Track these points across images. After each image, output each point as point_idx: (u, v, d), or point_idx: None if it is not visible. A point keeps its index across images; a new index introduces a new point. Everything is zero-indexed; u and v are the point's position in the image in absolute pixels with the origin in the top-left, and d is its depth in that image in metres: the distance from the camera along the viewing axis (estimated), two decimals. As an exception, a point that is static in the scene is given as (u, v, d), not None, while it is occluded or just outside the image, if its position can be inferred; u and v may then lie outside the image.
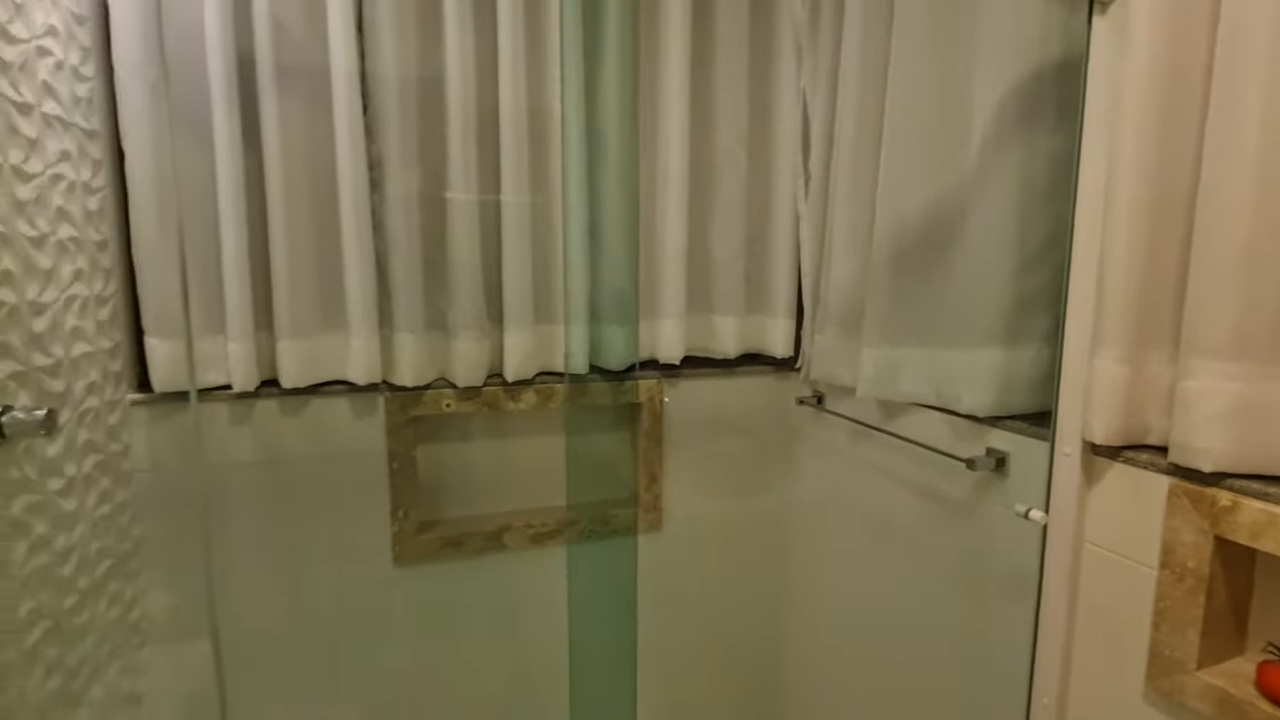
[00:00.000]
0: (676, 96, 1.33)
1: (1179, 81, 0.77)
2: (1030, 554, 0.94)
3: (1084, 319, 0.85)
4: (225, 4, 1.06)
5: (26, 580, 0.82)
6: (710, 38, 1.39)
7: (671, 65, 1.32)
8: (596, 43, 1.24)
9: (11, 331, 0.81)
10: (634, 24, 1.24)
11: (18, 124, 0.84)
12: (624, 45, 1.20)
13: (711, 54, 1.39)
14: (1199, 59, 0.76)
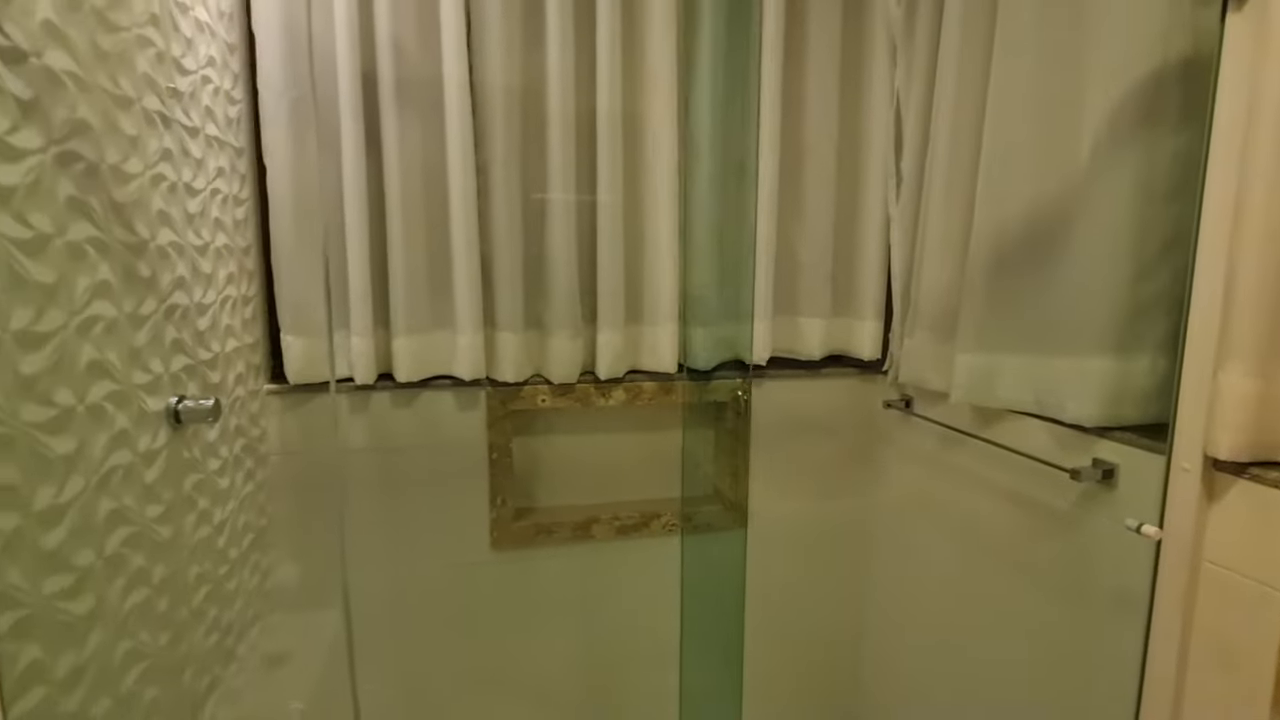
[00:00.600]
0: (767, 95, 1.34)
1: (1325, 80, 0.72)
2: (1140, 569, 0.91)
3: (1208, 329, 0.82)
4: (353, 29, 1.16)
5: (194, 548, 0.93)
6: (803, 36, 1.39)
7: (763, 64, 1.33)
8: (720, 52, 1.26)
9: (184, 330, 0.92)
10: (757, 38, 1.26)
11: (189, 146, 0.95)
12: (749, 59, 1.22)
13: (803, 53, 1.39)
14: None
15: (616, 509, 1.46)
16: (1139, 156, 0.94)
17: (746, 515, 1.50)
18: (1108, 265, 0.97)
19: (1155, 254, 0.94)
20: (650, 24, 1.28)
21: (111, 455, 0.74)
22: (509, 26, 1.23)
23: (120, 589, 0.75)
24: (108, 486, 0.73)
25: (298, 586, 1.27)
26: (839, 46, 1.40)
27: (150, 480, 0.82)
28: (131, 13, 0.80)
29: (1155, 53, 0.91)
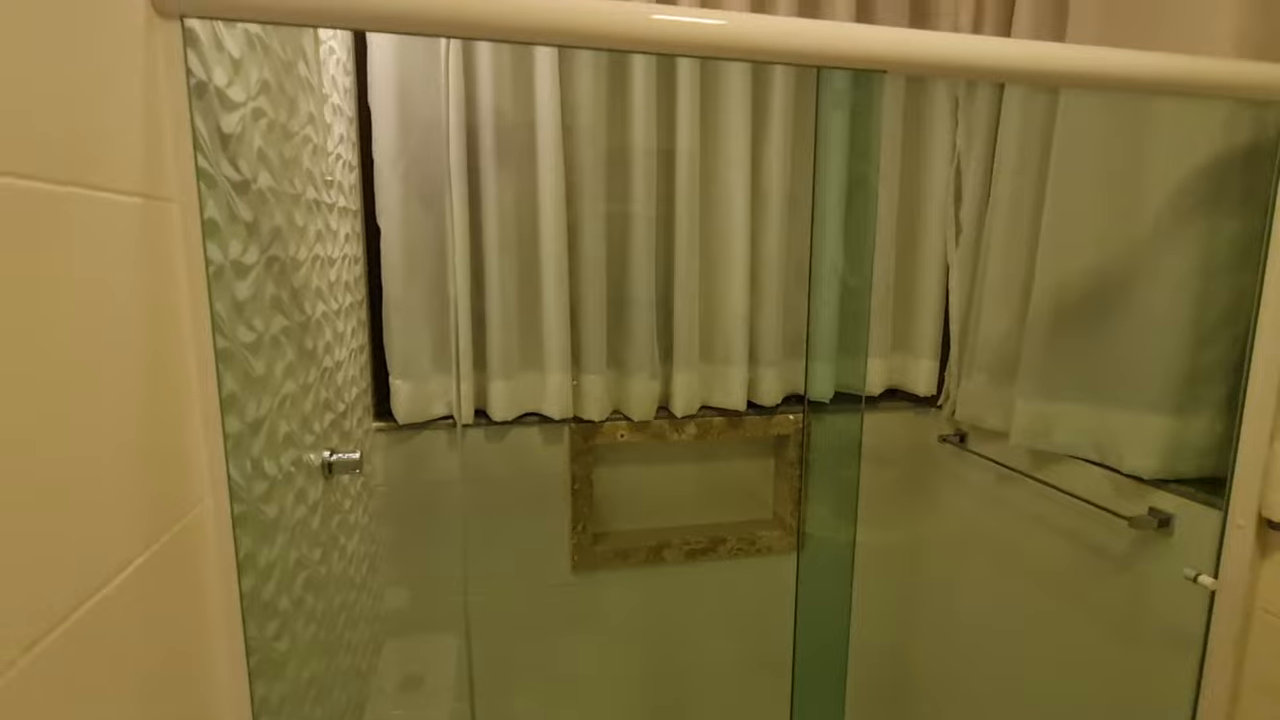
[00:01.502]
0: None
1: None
2: (1195, 614, 0.99)
3: (1266, 399, 0.90)
4: (459, 100, 1.26)
5: (338, 580, 1.05)
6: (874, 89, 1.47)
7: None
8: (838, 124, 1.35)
9: (330, 388, 1.04)
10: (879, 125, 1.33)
11: (330, 222, 1.07)
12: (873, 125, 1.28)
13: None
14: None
15: (686, 534, 1.56)
16: (1201, 233, 1.02)
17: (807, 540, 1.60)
18: (1168, 331, 1.05)
19: (1215, 323, 1.01)
20: (729, 84, 1.37)
21: (296, 512, 0.85)
22: (597, 94, 1.32)
23: (302, 625, 0.86)
24: (294, 539, 0.84)
25: (408, 609, 1.39)
26: (901, 99, 1.48)
27: (315, 527, 0.94)
28: (298, 117, 0.91)
29: (1217, 139, 0.99)
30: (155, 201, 0.53)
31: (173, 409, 0.56)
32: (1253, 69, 0.83)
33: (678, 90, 1.35)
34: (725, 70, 1.37)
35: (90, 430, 0.45)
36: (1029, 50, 0.73)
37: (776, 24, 0.68)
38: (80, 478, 0.44)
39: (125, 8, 0.50)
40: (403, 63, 1.25)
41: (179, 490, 0.56)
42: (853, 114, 0.95)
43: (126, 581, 0.49)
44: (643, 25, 0.64)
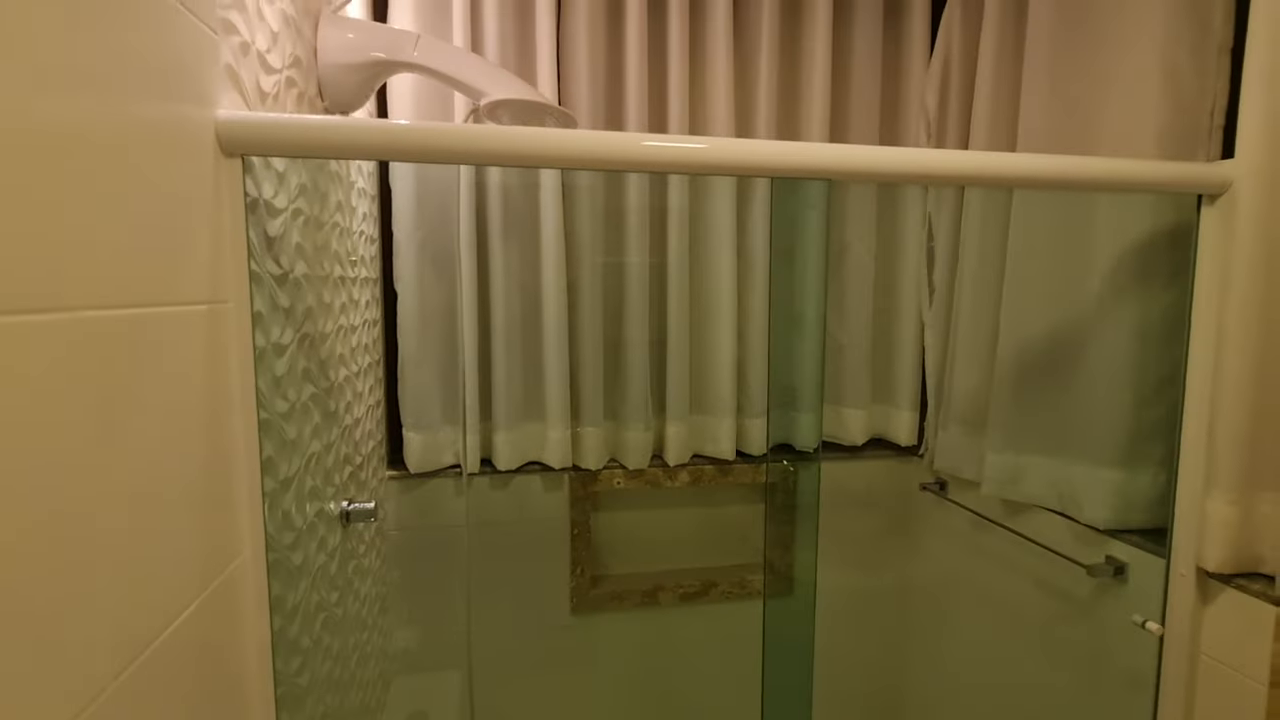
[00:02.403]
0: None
1: (1283, 265, 0.90)
2: (1147, 659, 1.06)
3: (1196, 460, 0.98)
4: (470, 177, 1.40)
5: (352, 621, 1.14)
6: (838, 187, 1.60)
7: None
8: (794, 224, 1.48)
9: (349, 444, 1.15)
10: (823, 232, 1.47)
11: (353, 293, 1.19)
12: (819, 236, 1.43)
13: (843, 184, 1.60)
14: (1301, 250, 0.89)
15: (680, 577, 1.64)
16: (1138, 303, 1.12)
17: (793, 584, 1.67)
18: (1114, 391, 1.14)
19: (1154, 387, 1.11)
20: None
21: (318, 558, 0.95)
22: (594, 176, 1.46)
23: (319, 661, 0.95)
24: (315, 584, 0.94)
25: (417, 649, 1.47)
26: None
27: (333, 572, 1.03)
28: (328, 207, 1.05)
29: (1146, 220, 1.10)
30: (217, 305, 0.65)
31: (223, 473, 0.67)
32: (1167, 168, 0.95)
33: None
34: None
35: (168, 492, 0.56)
36: (942, 158, 0.85)
37: (746, 145, 0.80)
38: (161, 531, 0.54)
39: (199, 153, 0.63)
40: (420, 147, 1.39)
41: (226, 542, 0.67)
42: (805, 209, 1.07)
43: (185, 621, 0.59)
44: (636, 150, 0.77)
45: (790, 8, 1.55)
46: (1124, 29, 1.12)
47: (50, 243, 0.42)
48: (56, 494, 0.43)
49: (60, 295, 0.44)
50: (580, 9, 1.42)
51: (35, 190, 0.41)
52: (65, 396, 0.44)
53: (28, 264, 0.40)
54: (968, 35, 1.48)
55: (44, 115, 0.42)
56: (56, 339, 0.43)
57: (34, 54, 0.41)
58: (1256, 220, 0.91)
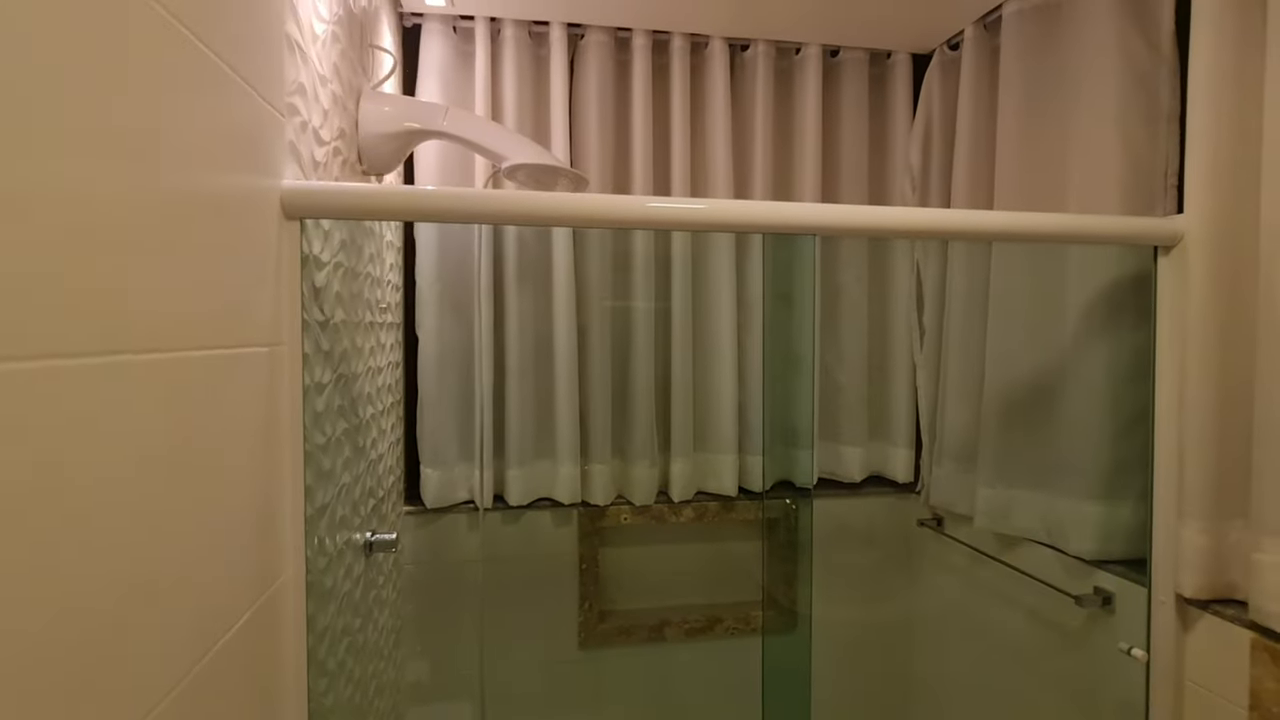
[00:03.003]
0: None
1: (1234, 306, 0.98)
2: (1136, 687, 1.10)
3: (1169, 491, 1.05)
4: (488, 234, 1.52)
5: (371, 649, 1.20)
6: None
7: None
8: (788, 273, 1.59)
9: (373, 478, 1.22)
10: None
11: (380, 337, 1.29)
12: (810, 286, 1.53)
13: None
14: (1247, 290, 0.98)
15: (685, 613, 1.68)
16: (1109, 344, 1.20)
17: (797, 620, 1.70)
18: (1091, 427, 1.21)
19: (1128, 422, 1.18)
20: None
21: (344, 584, 1.02)
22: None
23: (343, 685, 1.01)
24: (342, 608, 1.00)
25: (429, 681, 1.51)
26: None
27: (357, 599, 1.09)
28: (362, 258, 1.15)
29: (1113, 268, 1.19)
30: (275, 347, 0.74)
31: (273, 498, 0.74)
32: (1126, 223, 1.04)
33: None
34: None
35: (229, 514, 0.63)
36: (923, 216, 0.94)
37: (741, 206, 0.90)
38: (221, 548, 0.62)
39: (267, 217, 0.73)
40: (443, 203, 1.51)
41: (272, 561, 0.74)
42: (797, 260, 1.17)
43: (236, 634, 0.66)
44: (641, 211, 0.87)
45: (783, 77, 1.69)
46: (1083, 99, 1.24)
47: (154, 294, 0.52)
48: (143, 513, 0.51)
49: (166, 339, 0.53)
50: (590, 83, 1.56)
51: (146, 246, 0.51)
52: (156, 426, 0.52)
53: (138, 311, 0.49)
54: (946, 99, 1.61)
55: (155, 186, 0.52)
56: (157, 376, 0.52)
57: (152, 133, 0.51)
58: (1206, 267, 1.00)
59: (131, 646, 0.48)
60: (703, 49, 1.63)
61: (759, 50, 1.63)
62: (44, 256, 0.39)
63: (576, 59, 1.59)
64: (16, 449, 0.37)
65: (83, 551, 0.43)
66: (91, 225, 0.43)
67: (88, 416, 0.43)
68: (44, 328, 0.39)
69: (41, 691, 0.39)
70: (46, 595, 0.40)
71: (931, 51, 1.68)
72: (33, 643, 0.39)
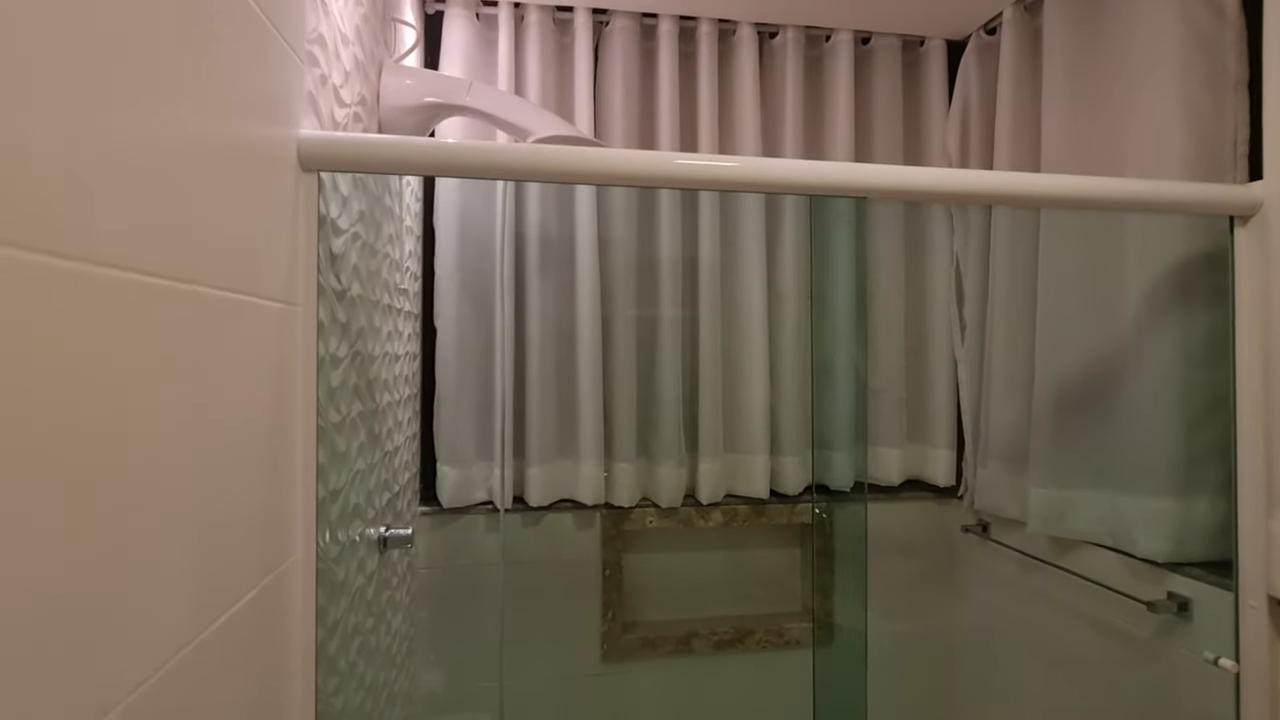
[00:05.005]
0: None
1: (1325, 283, 0.90)
2: (1223, 701, 0.99)
3: (1256, 482, 0.95)
4: (510, 222, 1.47)
5: (384, 654, 1.12)
6: (871, 207, 1.64)
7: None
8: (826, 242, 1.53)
9: (388, 470, 1.16)
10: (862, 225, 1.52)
11: (398, 324, 1.23)
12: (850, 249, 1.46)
13: (871, 220, 1.65)
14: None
15: (714, 624, 1.58)
16: (1176, 328, 1.11)
17: (834, 632, 1.60)
18: (1161, 416, 1.12)
19: (1202, 410, 1.09)
20: (746, 202, 1.56)
21: (356, 579, 0.95)
22: (629, 212, 1.52)
23: (354, 689, 0.93)
24: (354, 604, 0.93)
25: (444, 694, 1.42)
26: (901, 218, 1.65)
27: (369, 597, 1.02)
28: (381, 237, 1.10)
29: (1180, 245, 1.11)
30: (289, 306, 0.69)
31: (284, 472, 0.68)
32: (1199, 189, 0.97)
33: (700, 206, 1.54)
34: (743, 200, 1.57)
35: (241, 472, 0.57)
36: (965, 178, 0.87)
37: (775, 164, 0.84)
38: (233, 510, 0.55)
39: (283, 166, 0.68)
40: (464, 192, 1.46)
41: (282, 539, 0.67)
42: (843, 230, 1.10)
43: (244, 609, 0.59)
44: (668, 168, 0.81)
45: (813, 65, 1.64)
46: (1139, 66, 1.17)
47: (179, 231, 0.46)
48: (159, 438, 0.44)
49: (183, 270, 0.47)
50: (615, 72, 1.52)
51: (161, 176, 0.45)
52: (175, 353, 0.46)
53: (163, 241, 0.44)
54: (985, 84, 1.55)
55: (174, 117, 0.46)
56: (177, 304, 0.46)
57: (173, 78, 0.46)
58: (1292, 238, 0.92)
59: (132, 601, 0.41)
60: (730, 36, 1.59)
61: (788, 37, 1.58)
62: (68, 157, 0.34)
63: (601, 46, 1.55)
64: (45, 353, 0.31)
65: (95, 472, 0.36)
66: (112, 149, 0.38)
67: (107, 328, 0.38)
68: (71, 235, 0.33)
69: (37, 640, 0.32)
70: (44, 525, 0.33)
71: (966, 37, 1.63)
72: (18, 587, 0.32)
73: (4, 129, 0.32)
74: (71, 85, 0.37)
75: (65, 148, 0.37)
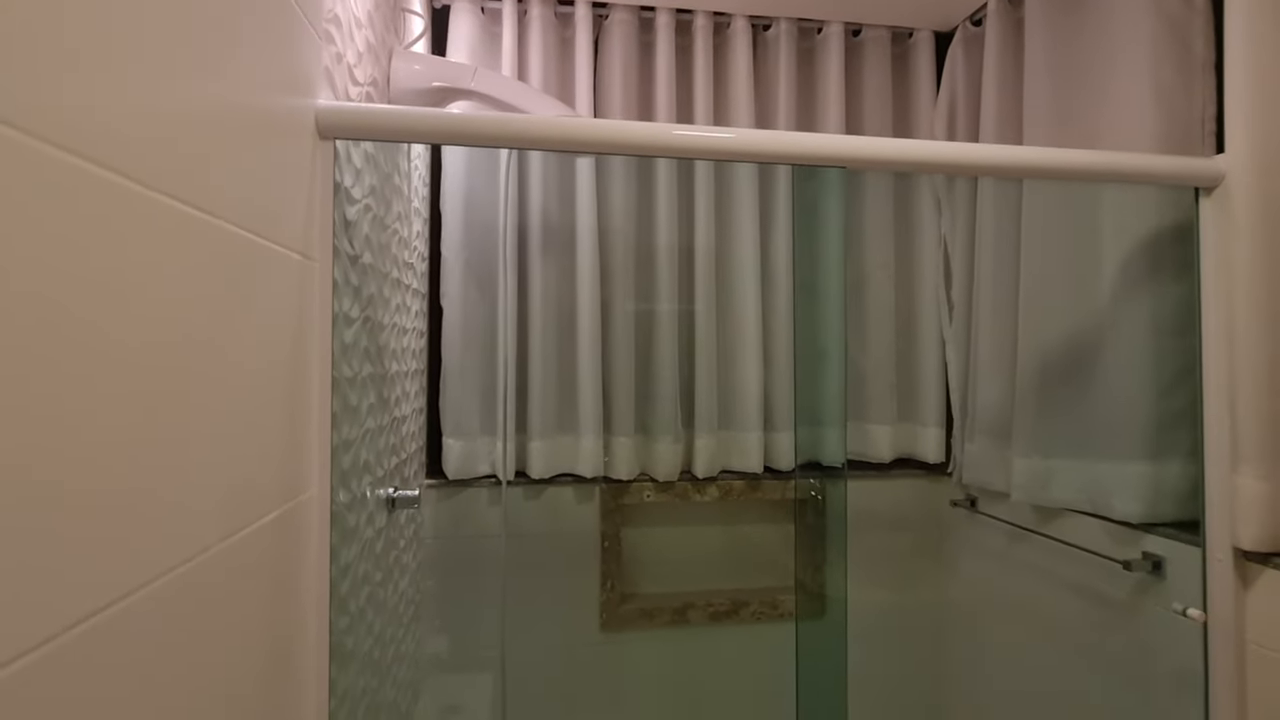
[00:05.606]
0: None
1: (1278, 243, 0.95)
2: (1193, 652, 1.04)
3: (1221, 441, 1.00)
4: (514, 206, 1.53)
5: (391, 610, 1.17)
6: (861, 192, 1.70)
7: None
8: (813, 222, 1.58)
9: (396, 436, 1.22)
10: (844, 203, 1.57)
11: (406, 299, 1.29)
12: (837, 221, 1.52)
13: (861, 204, 1.70)
14: (1299, 232, 0.94)
15: (710, 596, 1.63)
16: (1149, 300, 1.16)
17: (826, 604, 1.64)
18: (1135, 385, 1.17)
19: (1172, 377, 1.13)
20: (740, 185, 1.62)
21: (366, 530, 1.00)
22: (628, 193, 1.58)
23: (363, 634, 0.99)
24: (364, 553, 0.99)
25: (448, 657, 1.47)
26: (891, 202, 1.70)
27: (378, 551, 1.08)
28: (392, 214, 1.16)
29: (1149, 219, 1.16)
30: (307, 260, 0.75)
31: (300, 410, 0.74)
32: (1165, 161, 1.02)
33: (696, 191, 1.60)
34: (736, 175, 1.63)
35: (264, 402, 0.63)
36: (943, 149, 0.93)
37: (767, 135, 0.89)
38: (258, 432, 0.61)
39: (301, 133, 0.74)
40: (469, 177, 1.53)
41: (300, 473, 0.73)
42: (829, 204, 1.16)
43: (265, 527, 0.64)
44: (666, 138, 0.87)
45: (805, 57, 1.70)
46: (1114, 53, 1.23)
47: (205, 163, 0.52)
48: (190, 365, 0.50)
49: (210, 202, 0.53)
50: (615, 64, 1.58)
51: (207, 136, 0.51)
52: (206, 279, 0.52)
53: (195, 171, 0.50)
54: (971, 74, 1.60)
55: (211, 91, 0.52)
56: (204, 234, 0.52)
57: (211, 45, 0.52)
58: (1251, 206, 0.97)
59: (170, 492, 0.47)
60: (725, 28, 1.65)
61: (781, 29, 1.64)
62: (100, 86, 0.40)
63: (601, 39, 1.62)
64: (83, 258, 0.37)
65: (142, 376, 0.42)
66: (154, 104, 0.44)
67: (146, 242, 0.43)
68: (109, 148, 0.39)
69: (92, 505, 0.38)
70: (99, 406, 0.39)
71: (953, 29, 1.68)
72: (74, 461, 0.38)
73: (83, 85, 0.39)
74: (141, 49, 0.43)
75: (129, 96, 0.43)
